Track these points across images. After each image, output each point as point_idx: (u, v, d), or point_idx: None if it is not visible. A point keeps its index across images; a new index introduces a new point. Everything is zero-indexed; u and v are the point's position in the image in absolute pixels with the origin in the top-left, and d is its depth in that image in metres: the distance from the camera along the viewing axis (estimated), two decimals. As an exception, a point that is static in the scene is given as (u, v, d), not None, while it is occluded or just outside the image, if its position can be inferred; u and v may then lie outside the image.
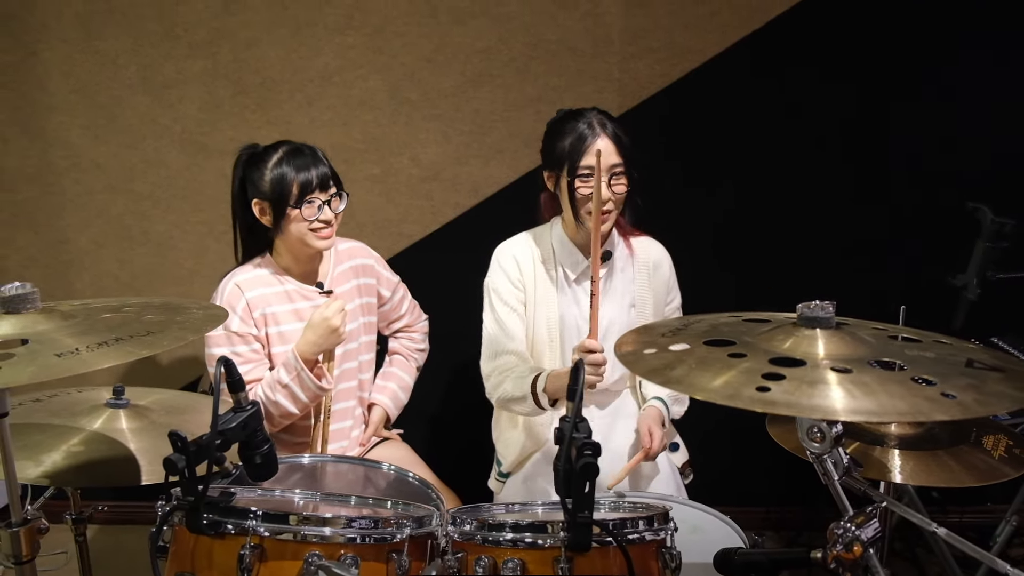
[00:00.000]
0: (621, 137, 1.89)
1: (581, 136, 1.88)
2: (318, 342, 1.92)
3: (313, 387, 1.91)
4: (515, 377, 1.95)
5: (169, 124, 2.63)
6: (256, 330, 1.97)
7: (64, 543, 1.81)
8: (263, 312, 1.97)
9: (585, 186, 1.88)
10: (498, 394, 1.99)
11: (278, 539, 1.21)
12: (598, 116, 1.91)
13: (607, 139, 1.87)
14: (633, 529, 1.28)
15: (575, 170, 1.88)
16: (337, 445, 2.10)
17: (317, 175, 1.92)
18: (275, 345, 1.99)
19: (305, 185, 1.91)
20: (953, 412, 0.95)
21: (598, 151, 1.80)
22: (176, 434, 1.16)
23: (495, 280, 2.03)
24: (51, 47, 2.58)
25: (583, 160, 1.87)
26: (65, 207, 2.69)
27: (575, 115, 1.93)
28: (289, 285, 2.02)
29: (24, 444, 1.49)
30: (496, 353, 2.00)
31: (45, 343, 1.19)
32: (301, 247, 1.97)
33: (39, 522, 1.34)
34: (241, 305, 1.95)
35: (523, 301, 2.01)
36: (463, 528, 1.31)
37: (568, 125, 1.91)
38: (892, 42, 2.57)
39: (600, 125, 1.89)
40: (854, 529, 1.10)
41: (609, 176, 1.86)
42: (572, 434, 1.15)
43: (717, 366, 1.09)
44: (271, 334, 1.99)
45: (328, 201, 1.94)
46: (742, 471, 2.64)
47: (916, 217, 2.64)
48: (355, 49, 2.59)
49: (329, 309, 1.91)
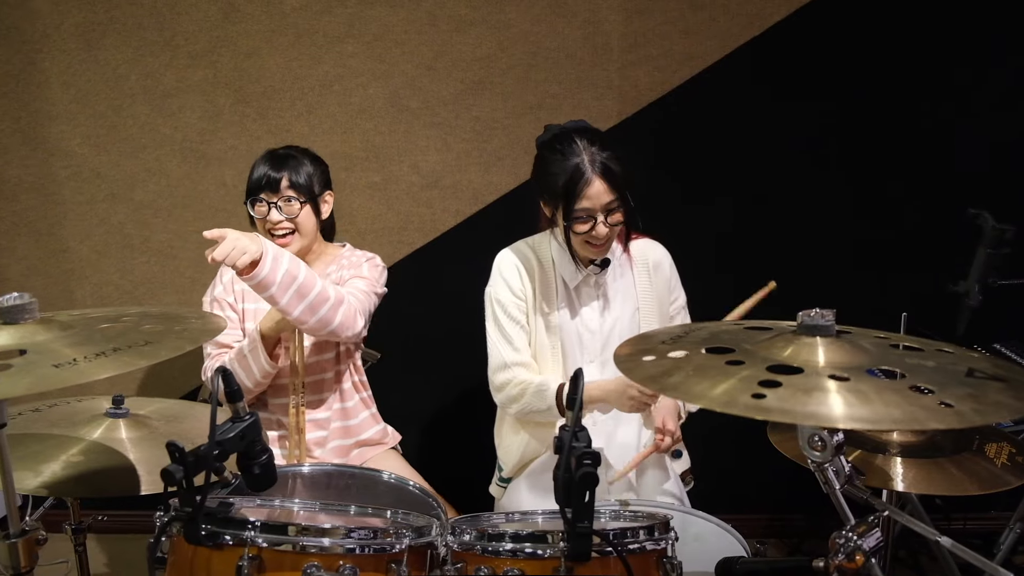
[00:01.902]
0: (612, 169, 1.83)
1: (573, 177, 1.82)
2: (273, 315, 1.96)
3: (265, 363, 1.97)
4: (534, 392, 1.95)
5: (170, 133, 2.64)
6: (233, 299, 2.09)
7: (64, 552, 1.81)
8: (243, 288, 2.06)
9: (581, 227, 1.86)
10: (517, 407, 1.98)
11: (277, 550, 1.21)
12: (588, 150, 1.83)
13: (599, 180, 1.82)
14: (633, 539, 1.27)
15: (570, 213, 1.85)
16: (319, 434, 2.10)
17: (267, 177, 1.99)
18: (248, 320, 2.08)
19: (254, 184, 2.01)
20: (949, 421, 0.94)
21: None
22: (174, 444, 1.16)
23: (497, 290, 2.02)
24: (52, 57, 2.59)
25: (577, 204, 1.83)
26: (66, 216, 2.70)
27: (565, 145, 1.86)
28: None
29: (23, 454, 1.49)
30: (504, 365, 1.99)
31: (43, 354, 1.18)
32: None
33: (37, 533, 1.33)
34: (228, 275, 2.09)
35: (525, 311, 2.01)
36: (463, 538, 1.30)
37: (559, 162, 1.85)
38: (892, 48, 2.57)
39: (591, 163, 1.82)
40: (856, 538, 1.09)
41: (605, 215, 1.85)
42: (572, 443, 1.14)
43: (714, 373, 1.09)
44: (247, 309, 2.09)
45: (276, 204, 1.99)
46: (744, 478, 2.62)
47: (917, 224, 2.63)
48: (355, 57, 2.60)
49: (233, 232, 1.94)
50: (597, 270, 2.00)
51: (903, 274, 2.65)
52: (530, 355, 2.01)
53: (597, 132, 1.93)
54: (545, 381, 1.96)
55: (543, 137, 1.97)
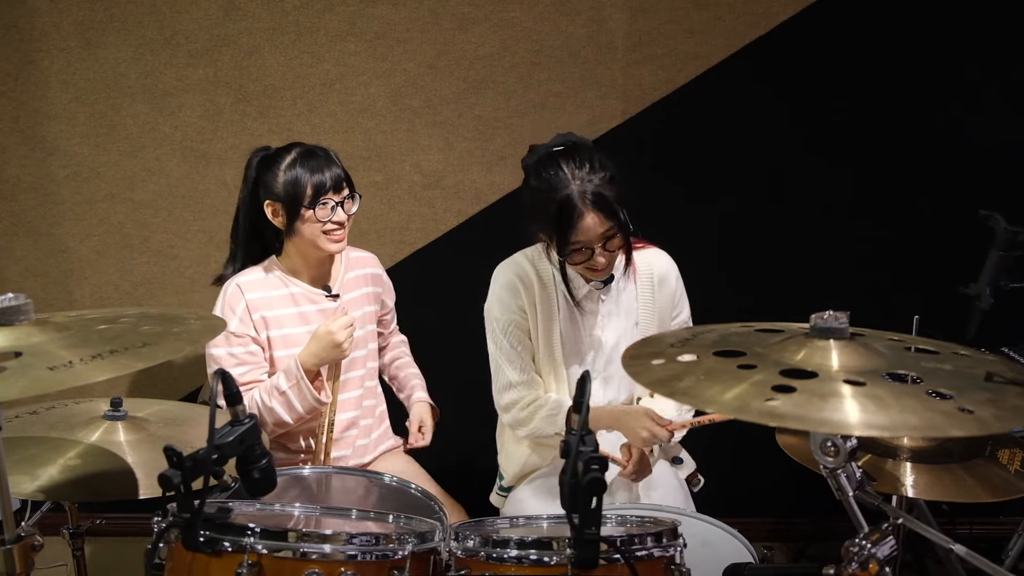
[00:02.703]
0: (605, 196, 1.74)
1: (564, 211, 1.74)
2: (320, 354, 1.89)
3: (311, 398, 1.89)
4: (545, 416, 1.91)
5: (170, 132, 2.62)
6: (255, 332, 1.95)
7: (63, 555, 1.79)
8: (263, 315, 1.96)
9: (579, 256, 1.80)
10: (526, 431, 1.94)
11: (276, 556, 1.19)
12: (577, 178, 1.74)
13: (592, 212, 1.73)
14: (641, 546, 1.25)
15: (566, 248, 1.79)
16: (341, 454, 2.07)
17: (331, 176, 1.92)
18: (277, 349, 1.97)
19: (319, 186, 1.90)
20: (970, 428, 0.91)
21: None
22: (172, 449, 1.13)
23: (496, 308, 1.95)
24: (50, 56, 2.57)
25: (572, 238, 1.76)
26: (65, 216, 2.67)
27: (552, 175, 1.76)
28: (295, 288, 2.00)
29: (20, 458, 1.47)
30: (509, 385, 1.95)
31: (38, 356, 1.16)
32: (313, 250, 1.96)
33: (34, 539, 1.31)
34: (241, 307, 1.94)
35: (525, 329, 1.95)
36: (466, 544, 1.28)
37: (548, 194, 1.76)
38: (900, 47, 2.55)
39: (581, 196, 1.73)
40: (870, 547, 1.07)
41: (602, 243, 1.78)
42: (579, 447, 1.11)
43: (726, 378, 1.06)
44: (273, 337, 1.97)
45: (341, 203, 1.94)
46: (748, 482, 2.60)
47: (928, 225, 2.61)
48: (357, 56, 2.58)
49: (335, 323, 1.89)
50: (600, 285, 1.94)
51: (911, 276, 2.63)
52: (534, 372, 1.97)
53: (584, 150, 1.80)
54: (555, 407, 1.90)
55: (528, 160, 1.89)
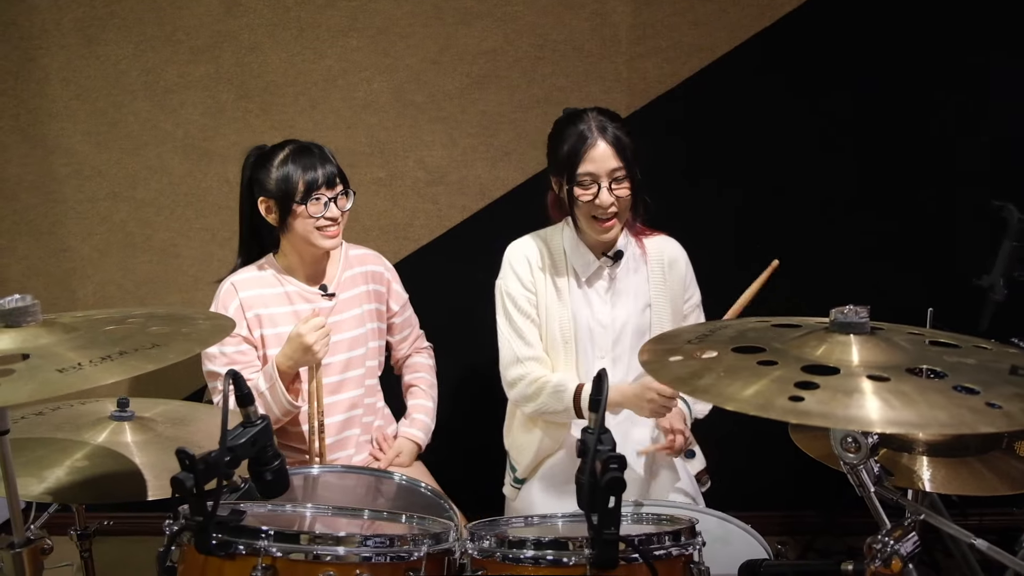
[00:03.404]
0: (621, 138, 1.85)
1: (578, 141, 1.85)
2: (293, 356, 1.88)
3: (284, 401, 1.88)
4: (550, 393, 1.92)
5: (171, 129, 2.60)
6: (248, 331, 1.96)
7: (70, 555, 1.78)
8: (257, 313, 1.96)
9: (584, 193, 1.85)
10: (533, 407, 1.95)
11: (291, 559, 1.18)
12: (597, 118, 1.87)
13: (605, 143, 1.84)
14: (659, 545, 1.24)
15: (573, 178, 1.85)
16: (344, 453, 2.06)
17: (323, 172, 1.92)
18: (270, 347, 1.97)
19: (311, 182, 1.91)
20: (999, 423, 0.90)
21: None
22: (184, 451, 1.11)
23: (507, 283, 1.99)
24: (51, 53, 2.55)
25: (581, 167, 1.84)
26: (67, 215, 2.65)
27: (576, 117, 1.90)
28: (290, 287, 2.00)
29: (27, 459, 1.45)
30: (516, 359, 1.97)
31: (46, 358, 1.15)
32: (307, 247, 1.96)
33: (43, 542, 1.30)
34: (234, 305, 1.95)
35: (535, 304, 1.97)
36: (482, 544, 1.27)
37: (568, 129, 1.88)
38: (906, 37, 2.53)
39: (599, 129, 1.85)
40: (892, 543, 1.05)
41: (609, 181, 1.84)
42: (596, 447, 1.10)
43: (747, 374, 1.05)
44: (266, 335, 1.97)
45: (334, 199, 1.94)
46: (756, 476, 2.59)
47: (940, 216, 2.59)
48: (359, 51, 2.55)
49: (306, 326, 1.86)
50: (609, 262, 1.96)
51: (923, 267, 2.61)
52: (542, 349, 1.98)
53: (612, 112, 1.92)
54: (562, 382, 1.92)
55: (559, 118, 1.97)
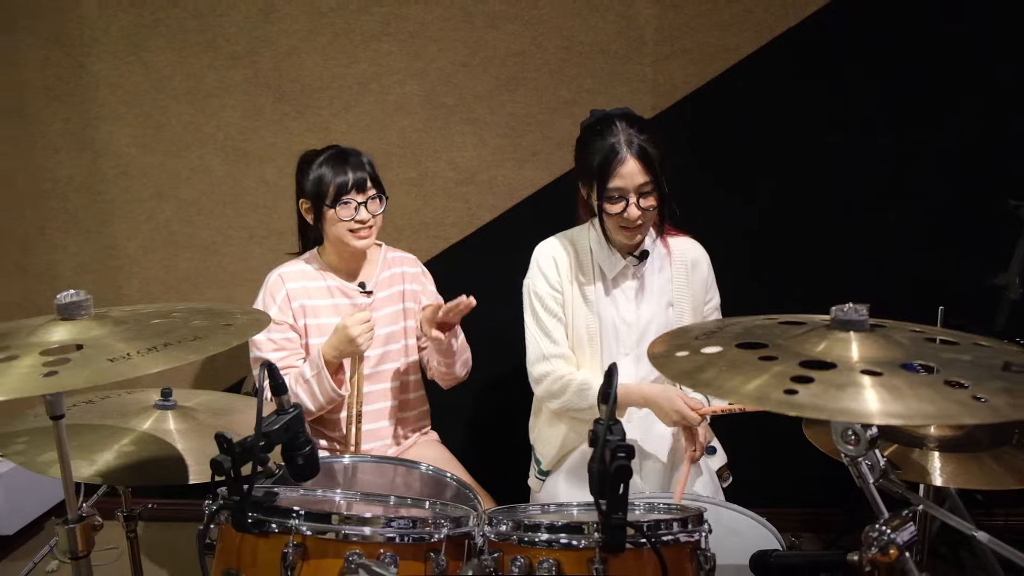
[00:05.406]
0: (649, 152, 1.86)
1: (608, 156, 1.86)
2: (338, 347, 1.98)
3: (329, 389, 1.98)
4: (575, 391, 1.97)
5: (212, 132, 2.70)
6: (293, 320, 2.07)
7: (116, 539, 1.87)
8: (302, 303, 2.07)
9: (613, 207, 1.89)
10: (558, 403, 2.01)
11: (320, 538, 1.24)
12: (626, 131, 1.87)
13: (634, 159, 1.85)
14: (667, 531, 1.29)
15: (604, 192, 1.88)
16: (378, 443, 2.14)
17: (353, 177, 2.01)
18: (312, 336, 2.08)
19: (341, 186, 2.00)
20: (983, 415, 0.94)
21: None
22: (222, 436, 1.20)
23: (535, 282, 2.05)
24: (100, 60, 2.67)
25: (611, 183, 1.87)
26: (114, 214, 2.78)
27: (605, 126, 1.90)
28: (331, 281, 2.11)
29: (78, 444, 1.55)
30: (543, 357, 2.02)
31: (98, 348, 1.23)
32: (342, 246, 2.07)
33: (94, 519, 1.39)
34: (281, 295, 2.07)
35: (562, 303, 2.03)
36: (499, 528, 1.33)
37: (597, 141, 1.89)
38: (930, 37, 2.52)
39: (627, 144, 1.86)
40: (889, 532, 1.09)
41: (638, 196, 1.87)
42: (606, 437, 1.16)
43: (748, 369, 1.09)
44: (309, 325, 2.09)
45: (365, 203, 2.01)
46: (778, 473, 2.61)
47: (956, 215, 2.59)
48: (391, 55, 2.63)
49: (352, 318, 1.97)
50: (635, 261, 2.01)
51: (942, 266, 2.61)
52: (568, 347, 2.03)
53: (639, 117, 1.95)
54: (587, 381, 1.97)
55: (587, 121, 2.00)
